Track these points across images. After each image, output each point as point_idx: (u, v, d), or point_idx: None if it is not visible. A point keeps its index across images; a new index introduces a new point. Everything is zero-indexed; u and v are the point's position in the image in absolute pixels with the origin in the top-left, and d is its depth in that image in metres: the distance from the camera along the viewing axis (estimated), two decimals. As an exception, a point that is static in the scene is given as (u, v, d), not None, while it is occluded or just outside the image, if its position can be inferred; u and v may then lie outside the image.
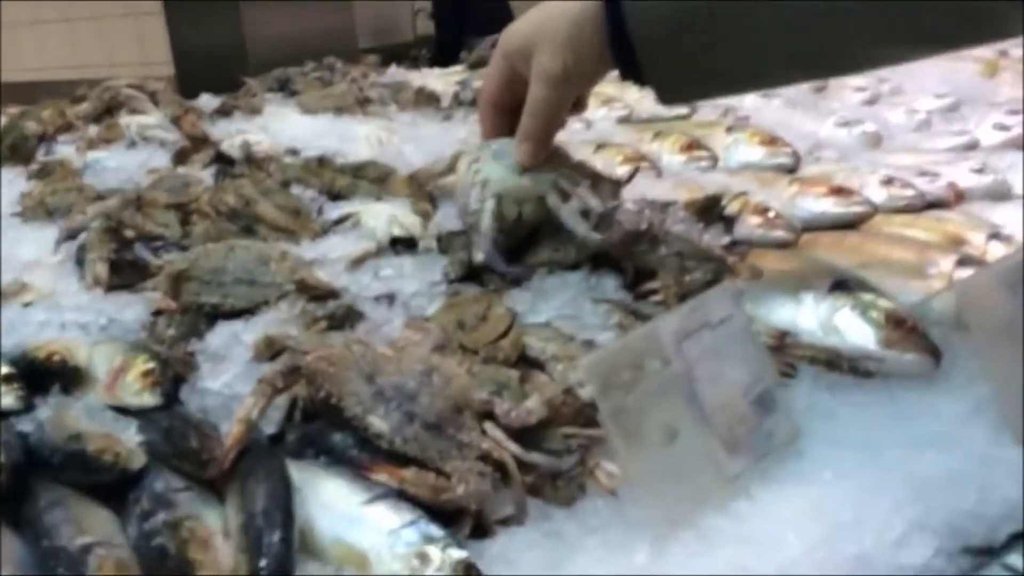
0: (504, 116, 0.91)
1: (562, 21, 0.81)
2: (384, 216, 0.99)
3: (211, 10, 3.79)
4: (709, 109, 1.44)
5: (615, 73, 0.81)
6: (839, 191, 1.01)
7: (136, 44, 4.89)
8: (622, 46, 0.76)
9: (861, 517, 0.63)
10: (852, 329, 0.78)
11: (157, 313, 0.86)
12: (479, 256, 0.90)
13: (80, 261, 0.95)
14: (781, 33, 0.73)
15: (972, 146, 1.25)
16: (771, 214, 0.98)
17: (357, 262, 0.93)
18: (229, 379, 0.76)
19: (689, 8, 0.73)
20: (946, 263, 0.85)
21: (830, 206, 1.00)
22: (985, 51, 1.71)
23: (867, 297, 0.80)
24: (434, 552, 0.57)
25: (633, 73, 0.78)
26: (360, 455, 0.66)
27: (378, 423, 0.66)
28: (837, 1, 0.71)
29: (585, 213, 0.90)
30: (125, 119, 1.39)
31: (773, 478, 0.67)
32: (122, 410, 0.72)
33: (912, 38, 0.73)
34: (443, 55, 5.88)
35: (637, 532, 0.62)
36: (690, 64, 0.76)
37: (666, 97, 0.81)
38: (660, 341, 0.67)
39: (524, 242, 0.93)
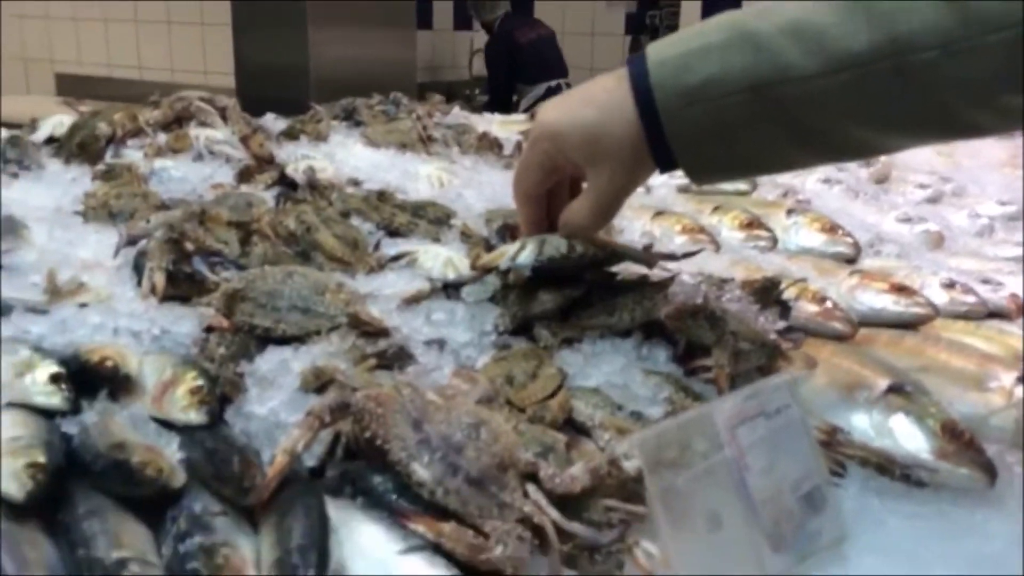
0: (543, 205, 0.92)
1: (614, 140, 0.81)
2: (441, 258, 1.00)
3: (279, 28, 3.85)
4: (769, 188, 1.44)
5: None
6: (900, 289, 1.00)
7: (200, 52, 5.00)
8: (663, 152, 0.81)
9: (906, 633, 0.61)
10: (906, 435, 0.77)
11: (209, 330, 0.86)
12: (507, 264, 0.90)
13: (138, 268, 0.96)
14: (809, 126, 0.76)
15: (1035, 258, 1.23)
16: (829, 304, 0.97)
17: (410, 301, 0.93)
18: (275, 405, 0.76)
19: (723, 117, 0.77)
20: (1007, 378, 0.83)
21: (890, 303, 0.98)
22: (1050, 162, 1.70)
23: (924, 403, 0.78)
24: (466, 612, 0.56)
25: (669, 168, 0.84)
26: (399, 502, 0.65)
27: (421, 471, 0.65)
28: (865, 89, 0.73)
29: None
30: (195, 131, 1.41)
31: (816, 580, 0.65)
32: (166, 424, 0.73)
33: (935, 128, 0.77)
34: (495, 99, 5.97)
35: (672, 618, 0.60)
36: (723, 157, 0.82)
37: (698, 180, 0.87)
38: (715, 424, 0.66)
39: (577, 304, 0.93)
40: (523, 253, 0.90)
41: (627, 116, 0.80)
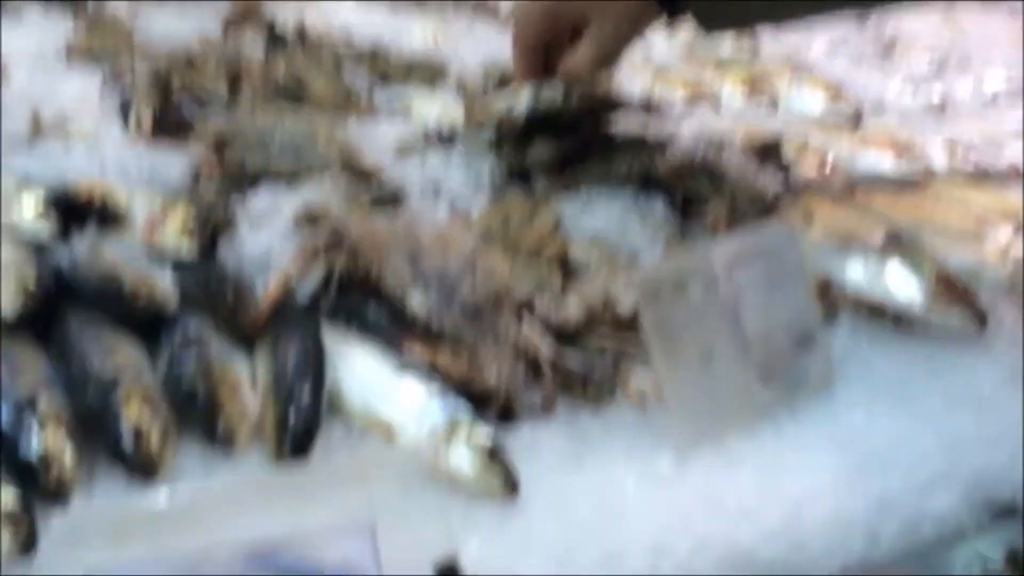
0: (540, 57, 0.90)
1: None
2: (436, 105, 0.97)
3: None
4: (772, 49, 1.39)
5: None
6: (901, 149, 0.99)
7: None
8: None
9: (888, 460, 0.63)
10: (900, 282, 0.77)
11: (198, 171, 0.84)
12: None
13: (124, 109, 0.93)
14: None
15: (1039, 127, 1.21)
16: (829, 163, 0.96)
17: (405, 148, 0.91)
18: (268, 241, 0.74)
19: None
20: (1003, 232, 0.83)
21: (890, 163, 0.97)
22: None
23: (920, 253, 0.78)
24: (460, 428, 0.57)
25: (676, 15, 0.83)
26: (395, 328, 0.65)
27: (417, 300, 0.65)
28: None
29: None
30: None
31: (802, 413, 0.66)
32: (157, 258, 0.71)
33: None
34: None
35: (662, 443, 0.62)
36: (732, 5, 0.82)
37: (706, 28, 0.86)
38: (712, 264, 0.66)
39: (574, 158, 0.91)
40: (520, 100, 0.88)
41: None
